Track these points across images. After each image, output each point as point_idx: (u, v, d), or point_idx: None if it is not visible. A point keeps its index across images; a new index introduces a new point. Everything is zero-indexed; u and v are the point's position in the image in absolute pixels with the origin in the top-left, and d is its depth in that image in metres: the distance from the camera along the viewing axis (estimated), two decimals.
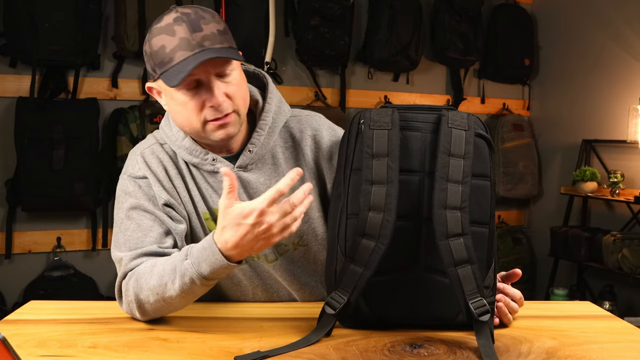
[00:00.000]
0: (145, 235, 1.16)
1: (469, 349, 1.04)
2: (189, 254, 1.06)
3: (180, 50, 1.08)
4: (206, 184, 1.23)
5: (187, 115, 1.14)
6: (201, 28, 1.09)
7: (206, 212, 1.23)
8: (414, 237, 1.07)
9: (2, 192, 2.82)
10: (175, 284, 1.06)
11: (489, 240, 1.07)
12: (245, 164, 1.23)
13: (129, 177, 1.22)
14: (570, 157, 3.63)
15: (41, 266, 2.90)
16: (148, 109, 2.92)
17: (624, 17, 3.28)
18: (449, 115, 1.06)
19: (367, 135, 1.07)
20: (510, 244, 3.83)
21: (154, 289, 1.08)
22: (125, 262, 1.15)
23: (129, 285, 1.12)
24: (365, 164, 1.06)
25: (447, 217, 1.02)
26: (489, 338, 1.01)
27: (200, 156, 1.21)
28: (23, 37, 2.67)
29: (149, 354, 1.01)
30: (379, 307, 1.12)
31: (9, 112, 2.76)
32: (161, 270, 1.08)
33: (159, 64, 1.11)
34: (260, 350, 1.01)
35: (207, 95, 1.12)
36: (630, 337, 1.12)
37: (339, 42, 3.25)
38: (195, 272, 1.04)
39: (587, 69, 3.55)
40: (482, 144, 1.07)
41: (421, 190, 1.07)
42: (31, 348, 1.02)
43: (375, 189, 1.05)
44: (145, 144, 1.27)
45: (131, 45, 2.87)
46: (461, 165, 1.03)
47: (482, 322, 1.01)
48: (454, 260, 1.02)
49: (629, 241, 2.96)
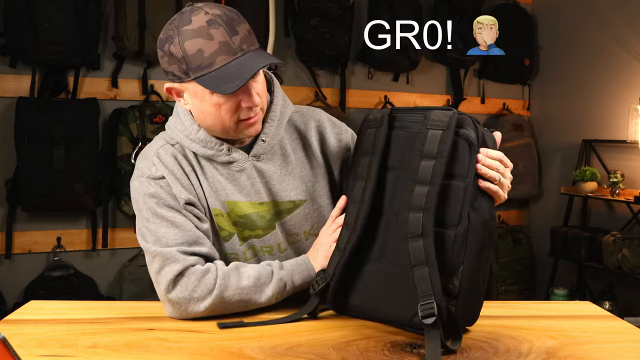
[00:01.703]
0: (183, 232, 1.17)
1: (469, 349, 1.04)
2: (283, 266, 1.22)
3: (221, 54, 1.10)
4: (219, 176, 1.25)
5: (220, 116, 1.16)
6: (237, 31, 1.11)
7: (216, 207, 1.25)
8: (384, 230, 1.11)
9: (2, 192, 2.81)
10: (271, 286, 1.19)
11: (454, 244, 1.03)
12: (259, 154, 1.26)
13: (147, 178, 1.21)
14: (570, 157, 3.62)
15: (41, 266, 2.90)
16: (148, 109, 2.92)
17: (624, 17, 3.28)
18: (430, 116, 1.06)
19: (362, 133, 1.17)
20: (510, 244, 3.83)
21: (245, 288, 1.16)
22: (176, 257, 1.15)
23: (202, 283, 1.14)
24: (356, 160, 1.16)
25: (408, 217, 1.03)
26: (437, 344, 0.97)
27: (215, 147, 1.23)
28: (23, 37, 2.67)
29: (149, 354, 1.01)
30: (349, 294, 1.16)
31: (9, 112, 2.76)
32: (254, 275, 1.18)
33: (195, 68, 1.11)
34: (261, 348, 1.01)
35: (244, 96, 1.15)
36: (630, 337, 1.12)
37: (339, 42, 3.25)
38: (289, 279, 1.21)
39: (587, 69, 3.55)
40: (463, 144, 1.05)
41: (396, 186, 1.10)
42: (31, 348, 1.02)
43: (359, 183, 1.13)
44: (156, 145, 1.27)
45: (131, 45, 2.86)
46: (431, 166, 1.03)
47: (431, 326, 0.98)
48: (411, 261, 1.02)
49: (629, 241, 2.96)
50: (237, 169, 1.25)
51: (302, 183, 1.31)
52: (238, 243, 1.28)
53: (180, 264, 1.15)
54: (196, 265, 1.16)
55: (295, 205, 1.30)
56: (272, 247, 1.30)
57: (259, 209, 1.27)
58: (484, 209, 1.06)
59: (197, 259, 1.17)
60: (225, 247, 1.28)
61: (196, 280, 1.14)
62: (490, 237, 1.09)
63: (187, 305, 1.15)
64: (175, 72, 1.15)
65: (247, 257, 1.29)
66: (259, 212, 1.27)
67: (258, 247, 1.29)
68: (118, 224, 3.06)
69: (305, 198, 1.31)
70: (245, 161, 1.25)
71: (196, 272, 1.15)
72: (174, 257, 1.15)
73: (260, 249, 1.29)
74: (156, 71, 3.09)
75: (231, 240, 1.27)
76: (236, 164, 1.24)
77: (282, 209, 1.29)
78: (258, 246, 1.29)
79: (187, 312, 1.16)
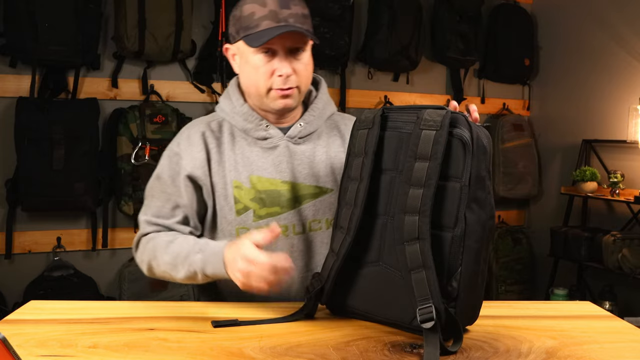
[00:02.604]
0: (162, 207, 1.34)
1: (469, 349, 1.04)
2: (202, 250, 1.23)
3: (267, 20, 1.22)
4: (249, 152, 1.34)
5: (256, 79, 1.28)
6: (289, 7, 1.24)
7: (238, 180, 1.33)
8: (380, 233, 1.10)
9: (2, 192, 2.81)
10: (183, 269, 1.25)
11: (452, 246, 1.03)
12: (295, 135, 1.36)
13: (168, 149, 1.38)
14: (570, 157, 3.63)
15: (41, 266, 2.90)
16: (148, 109, 2.92)
17: (624, 17, 3.28)
18: (423, 115, 1.05)
19: (353, 135, 1.16)
20: (510, 244, 3.83)
21: (165, 264, 1.27)
22: (142, 226, 1.35)
23: (146, 248, 1.32)
24: (349, 162, 1.16)
25: (404, 221, 1.02)
26: (436, 347, 0.97)
27: (254, 121, 1.34)
28: (23, 37, 2.67)
29: (149, 354, 1.01)
30: (347, 297, 1.16)
31: (9, 112, 2.76)
32: (176, 251, 1.26)
33: (244, 28, 1.25)
34: (261, 348, 1.01)
35: (279, 66, 1.26)
36: (630, 337, 1.12)
37: (339, 42, 3.25)
38: (200, 268, 1.22)
39: (587, 69, 3.55)
40: (457, 144, 1.03)
41: (391, 188, 1.08)
42: (31, 348, 1.02)
43: (352, 185, 1.13)
44: (191, 124, 1.40)
45: (131, 45, 2.86)
46: (425, 167, 1.02)
47: (430, 330, 0.98)
48: (408, 265, 1.02)
49: (629, 241, 2.96)
50: (270, 145, 1.34)
51: (332, 173, 1.37)
52: (252, 219, 1.33)
53: (140, 232, 1.36)
54: (150, 233, 1.34)
55: (322, 191, 1.36)
56: (287, 227, 1.33)
57: (281, 187, 1.33)
58: (481, 210, 1.05)
59: (156, 227, 1.34)
60: (237, 220, 1.33)
61: (142, 246, 1.34)
62: (488, 237, 1.08)
63: (140, 265, 1.36)
64: (232, 33, 1.30)
65: None
66: (280, 190, 1.33)
67: None
68: (118, 224, 3.06)
69: (332, 188, 1.37)
70: (280, 139, 1.35)
71: (145, 240, 1.34)
72: (141, 226, 1.36)
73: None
74: (156, 71, 3.09)
75: (245, 214, 1.33)
76: (270, 140, 1.34)
77: (306, 192, 1.34)
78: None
79: (142, 270, 1.36)
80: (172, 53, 2.96)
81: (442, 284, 1.02)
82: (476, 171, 1.03)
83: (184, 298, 2.92)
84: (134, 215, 2.91)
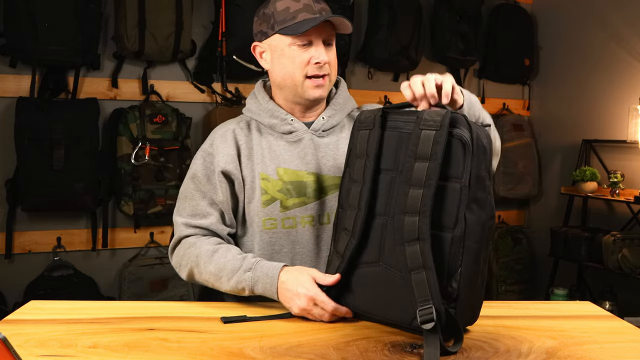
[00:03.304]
0: (197, 205, 1.39)
1: (469, 349, 1.04)
2: (254, 269, 1.26)
3: (303, 12, 1.32)
4: (276, 146, 1.39)
5: (292, 69, 1.35)
6: (321, 2, 1.35)
7: (265, 172, 1.38)
8: (381, 234, 1.09)
9: (2, 192, 2.81)
10: (230, 282, 1.28)
11: (452, 247, 1.02)
12: (318, 128, 1.42)
13: (201, 150, 1.44)
14: (570, 157, 3.63)
15: (41, 266, 2.90)
16: (148, 109, 2.92)
17: (624, 17, 3.28)
18: (423, 116, 1.05)
19: (354, 135, 1.17)
20: (510, 244, 3.83)
21: (209, 273, 1.31)
22: (180, 228, 1.39)
23: (187, 254, 1.36)
24: (351, 162, 1.17)
25: (404, 222, 1.02)
26: (436, 348, 0.97)
27: (279, 116, 1.41)
28: (23, 37, 2.67)
29: (149, 354, 1.01)
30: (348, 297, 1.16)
31: (9, 112, 2.76)
32: (221, 263, 1.30)
33: (280, 22, 1.33)
34: (261, 348, 1.01)
35: (315, 54, 1.34)
36: (630, 337, 1.13)
37: (339, 42, 3.24)
38: (250, 286, 1.26)
39: (587, 69, 3.55)
40: (457, 145, 1.02)
41: (391, 189, 1.08)
42: (31, 348, 1.02)
43: (354, 187, 1.13)
44: (223, 125, 1.46)
45: (131, 45, 2.86)
46: (425, 168, 1.01)
47: (430, 331, 0.98)
48: (408, 266, 1.02)
49: (629, 241, 2.96)
50: (295, 138, 1.40)
51: None
52: (279, 209, 1.37)
53: (179, 234, 1.39)
54: (190, 237, 1.38)
55: None
56: (313, 217, 1.37)
57: (306, 178, 1.37)
58: (481, 210, 1.04)
59: (195, 230, 1.38)
60: (264, 212, 1.37)
61: (183, 251, 1.37)
62: (488, 238, 1.07)
63: (178, 269, 1.39)
64: (263, 29, 1.37)
65: (284, 225, 1.37)
66: (306, 181, 1.37)
67: (299, 217, 1.37)
68: (118, 224, 3.06)
69: None
70: (304, 132, 1.41)
71: (186, 244, 1.37)
72: (179, 228, 1.40)
73: (301, 219, 1.37)
74: (156, 71, 3.09)
75: (272, 205, 1.37)
76: (295, 133, 1.40)
77: (331, 183, 1.38)
78: (299, 216, 1.37)
79: (179, 274, 1.39)
80: (172, 53, 2.96)
81: (442, 285, 1.02)
82: (476, 171, 1.03)
83: (184, 298, 2.92)
84: (134, 215, 2.92)
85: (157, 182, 2.89)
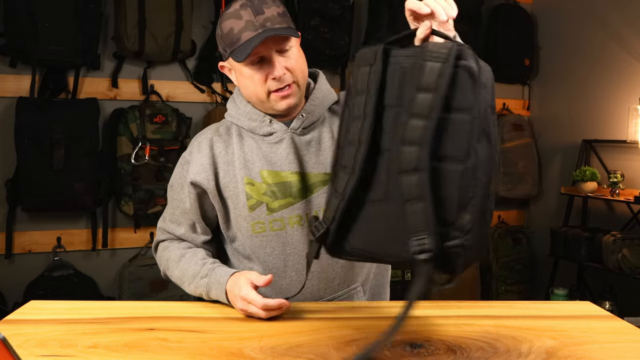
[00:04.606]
0: (173, 213, 1.45)
1: (469, 349, 1.04)
2: (209, 275, 1.31)
3: (246, 31, 1.26)
4: (257, 149, 1.38)
5: (253, 87, 1.33)
6: (263, 11, 1.28)
7: (247, 177, 1.36)
8: (386, 171, 1.04)
9: (2, 192, 2.81)
10: (190, 287, 1.36)
11: (463, 178, 0.97)
12: (298, 127, 1.38)
13: (181, 157, 1.45)
14: (570, 157, 3.62)
15: (41, 266, 2.90)
16: (148, 109, 2.92)
17: (624, 17, 3.28)
18: (428, 47, 1.00)
19: (354, 72, 1.09)
20: (510, 244, 3.83)
21: (175, 277, 1.41)
22: (158, 232, 1.50)
23: (161, 257, 1.47)
24: (350, 102, 1.10)
25: (401, 151, 0.98)
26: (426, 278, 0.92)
27: (258, 119, 1.39)
28: (23, 37, 2.67)
29: (149, 354, 1.01)
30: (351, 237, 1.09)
31: (9, 112, 2.76)
32: (184, 268, 1.37)
33: (229, 44, 1.29)
34: (261, 348, 1.01)
35: (270, 69, 1.30)
36: (630, 337, 1.12)
37: (339, 42, 3.25)
38: (205, 292, 1.31)
39: (587, 69, 3.55)
40: (463, 75, 0.98)
41: (396, 124, 1.02)
42: (31, 348, 1.02)
43: (354, 124, 1.07)
44: (203, 132, 1.46)
45: (131, 45, 2.86)
46: (428, 99, 0.97)
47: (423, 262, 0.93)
48: (402, 196, 0.98)
49: (629, 241, 2.95)
50: (276, 140, 1.37)
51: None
52: (265, 212, 1.36)
53: (156, 238, 1.51)
54: (166, 241, 1.47)
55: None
56: (301, 217, 1.35)
57: (291, 178, 1.35)
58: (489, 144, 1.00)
59: (169, 235, 1.47)
60: (251, 216, 1.36)
61: (160, 253, 1.47)
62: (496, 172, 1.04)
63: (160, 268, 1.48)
64: (221, 50, 1.34)
65: (273, 227, 1.36)
66: (291, 181, 1.35)
67: (287, 218, 1.36)
68: (118, 224, 3.06)
69: None
70: (284, 132, 1.37)
71: (162, 247, 1.48)
72: (157, 231, 1.50)
73: (289, 220, 1.36)
74: (156, 71, 3.09)
75: (258, 209, 1.36)
76: (275, 134, 1.37)
77: (316, 181, 1.37)
78: (287, 217, 1.35)
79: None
80: (172, 53, 2.96)
81: (454, 217, 0.97)
82: (485, 103, 1.00)
83: (184, 298, 2.92)
84: (134, 215, 2.92)
85: (157, 182, 2.89)
